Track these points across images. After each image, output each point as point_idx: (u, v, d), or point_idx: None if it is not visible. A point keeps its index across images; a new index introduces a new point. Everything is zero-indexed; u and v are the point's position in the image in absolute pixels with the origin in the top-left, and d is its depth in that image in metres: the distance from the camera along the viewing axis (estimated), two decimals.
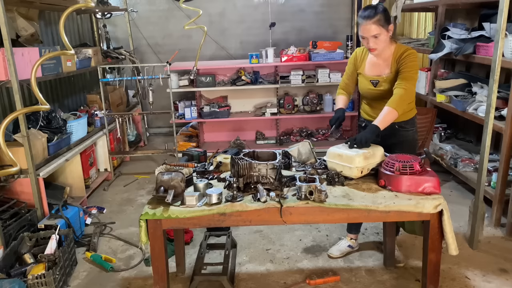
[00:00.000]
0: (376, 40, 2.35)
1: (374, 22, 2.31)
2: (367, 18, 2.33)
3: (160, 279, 2.14)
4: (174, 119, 4.73)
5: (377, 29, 2.32)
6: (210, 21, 5.92)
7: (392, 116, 2.32)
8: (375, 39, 2.34)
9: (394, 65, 2.43)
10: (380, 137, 2.41)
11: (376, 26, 2.31)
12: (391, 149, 2.44)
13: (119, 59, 5.28)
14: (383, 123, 2.30)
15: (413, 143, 2.61)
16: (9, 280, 2.34)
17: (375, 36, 2.33)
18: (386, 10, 2.34)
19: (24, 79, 3.00)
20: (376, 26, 2.31)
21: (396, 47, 2.45)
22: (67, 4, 3.95)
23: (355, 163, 2.16)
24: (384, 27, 2.32)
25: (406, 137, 2.55)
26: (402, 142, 2.53)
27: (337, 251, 2.89)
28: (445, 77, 4.25)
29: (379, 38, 2.34)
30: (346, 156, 2.19)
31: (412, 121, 2.57)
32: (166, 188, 2.06)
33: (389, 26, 2.35)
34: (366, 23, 2.33)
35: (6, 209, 2.94)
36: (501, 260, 2.79)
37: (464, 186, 3.92)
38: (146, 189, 4.25)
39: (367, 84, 2.54)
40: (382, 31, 2.32)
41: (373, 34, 2.33)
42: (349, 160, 2.18)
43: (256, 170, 2.13)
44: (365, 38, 2.37)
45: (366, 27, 2.33)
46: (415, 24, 5.95)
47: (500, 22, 2.59)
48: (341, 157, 2.22)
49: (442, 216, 1.98)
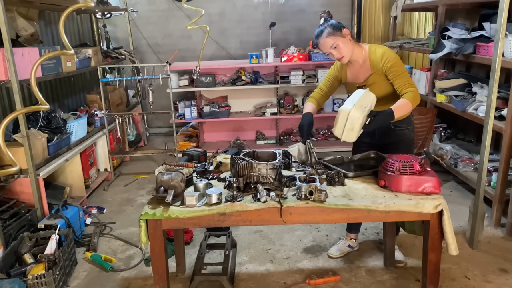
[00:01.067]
0: (338, 50, 2.42)
1: (326, 36, 2.41)
2: (318, 36, 2.45)
3: (160, 279, 2.14)
4: (174, 119, 4.73)
5: (332, 40, 2.40)
6: (210, 21, 5.91)
7: (407, 107, 2.32)
8: (336, 49, 2.42)
9: (374, 66, 2.47)
10: (376, 136, 2.46)
11: (329, 38, 2.41)
12: (387, 149, 2.46)
13: (119, 59, 5.28)
14: (398, 111, 2.29)
15: (409, 142, 2.62)
16: (9, 280, 2.33)
17: (334, 47, 2.42)
18: (333, 22, 2.44)
19: (24, 79, 3.00)
20: (329, 38, 2.41)
21: (370, 48, 2.51)
22: (67, 4, 3.95)
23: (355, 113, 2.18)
24: (337, 35, 2.40)
25: (402, 136, 2.57)
26: (399, 142, 2.55)
27: (337, 251, 2.89)
28: (445, 77, 4.25)
29: (339, 47, 2.41)
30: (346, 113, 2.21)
31: (408, 120, 2.58)
32: (166, 188, 2.06)
33: (343, 31, 2.42)
34: (320, 40, 2.44)
35: (6, 209, 2.94)
36: (501, 260, 2.79)
37: (464, 186, 3.92)
38: (146, 189, 4.25)
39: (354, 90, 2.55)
40: (337, 39, 2.40)
41: (330, 45, 2.41)
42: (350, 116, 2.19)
43: (256, 170, 2.13)
44: (329, 53, 2.45)
45: (322, 43, 2.44)
46: (415, 24, 5.95)
47: (500, 22, 2.59)
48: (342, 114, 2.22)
49: (442, 216, 1.98)
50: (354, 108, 2.17)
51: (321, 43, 2.44)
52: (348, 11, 6.06)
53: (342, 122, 2.21)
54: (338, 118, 2.23)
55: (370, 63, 2.49)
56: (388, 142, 2.53)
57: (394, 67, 2.41)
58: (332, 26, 2.42)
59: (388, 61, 2.42)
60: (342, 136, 2.23)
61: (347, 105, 2.22)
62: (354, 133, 2.20)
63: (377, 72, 2.47)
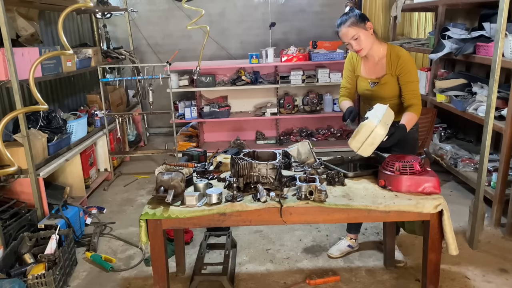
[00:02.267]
0: (358, 41, 2.40)
1: (349, 25, 2.38)
2: (341, 24, 2.41)
3: (160, 279, 2.14)
4: (174, 119, 4.73)
5: (354, 31, 2.38)
6: (210, 21, 5.91)
7: (415, 121, 2.42)
8: (356, 41, 2.40)
9: (390, 67, 2.47)
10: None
11: (352, 29, 2.38)
12: (392, 148, 2.45)
13: (119, 59, 5.28)
14: (409, 125, 2.35)
15: (413, 142, 2.63)
16: (9, 280, 2.33)
17: (355, 38, 2.39)
18: (358, 12, 2.42)
19: (24, 79, 3.00)
20: (352, 29, 2.38)
21: (389, 48, 2.49)
22: (67, 4, 3.94)
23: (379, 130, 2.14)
24: (360, 27, 2.38)
25: (407, 135, 2.55)
26: (403, 141, 2.53)
27: (337, 251, 2.89)
28: (445, 77, 4.25)
29: (360, 39, 2.39)
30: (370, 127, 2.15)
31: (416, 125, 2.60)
32: (166, 188, 2.06)
33: (367, 24, 2.40)
34: (341, 29, 2.41)
35: (6, 209, 2.94)
36: (501, 260, 2.79)
37: (464, 186, 3.92)
38: (146, 189, 4.25)
39: (365, 85, 2.58)
40: (359, 31, 2.38)
41: (352, 36, 2.39)
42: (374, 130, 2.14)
43: (256, 170, 2.13)
44: (348, 43, 2.43)
45: (343, 32, 2.41)
46: (415, 24, 5.95)
47: (500, 22, 2.59)
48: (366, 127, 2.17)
49: (442, 216, 1.98)
50: (380, 125, 2.12)
51: (343, 32, 2.40)
52: None
53: (363, 137, 2.15)
54: (360, 131, 2.17)
55: (386, 63, 2.48)
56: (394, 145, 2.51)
57: (409, 73, 2.43)
58: (357, 17, 2.39)
59: (404, 65, 2.43)
60: (359, 150, 2.18)
61: (372, 120, 2.16)
62: (371, 148, 2.17)
63: (390, 74, 2.47)
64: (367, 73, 2.57)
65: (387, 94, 2.49)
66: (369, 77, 2.55)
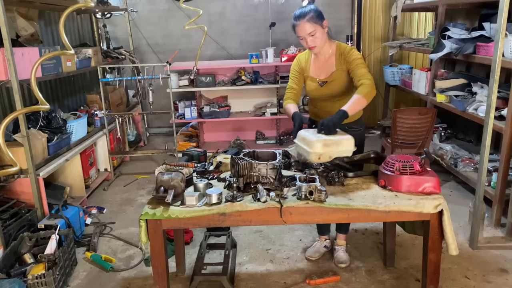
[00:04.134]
0: (314, 38, 2.39)
1: (308, 20, 2.36)
2: (299, 18, 2.38)
3: (160, 279, 2.14)
4: (174, 119, 4.73)
5: (312, 27, 2.37)
6: (210, 21, 5.92)
7: (361, 103, 2.29)
8: (313, 37, 2.39)
9: (339, 63, 2.49)
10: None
11: (310, 24, 2.36)
12: None
13: (119, 59, 5.28)
14: (351, 109, 2.26)
15: (361, 142, 2.60)
16: (9, 280, 2.33)
17: (312, 34, 2.38)
18: (317, 8, 2.41)
19: (24, 79, 3.00)
20: (310, 24, 2.36)
21: (337, 46, 2.52)
22: (67, 4, 3.94)
23: (314, 148, 2.10)
24: (317, 24, 2.37)
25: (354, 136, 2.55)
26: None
27: (315, 252, 2.89)
28: (445, 77, 4.25)
29: (315, 35, 2.39)
30: (308, 140, 2.15)
31: (360, 121, 2.63)
32: (166, 188, 2.06)
33: (324, 22, 2.41)
34: (299, 22, 2.38)
35: (6, 209, 2.94)
36: (501, 260, 2.79)
37: (464, 186, 3.92)
38: (146, 189, 4.25)
39: (315, 85, 2.57)
40: (316, 27, 2.37)
41: (309, 32, 2.37)
42: (310, 144, 2.13)
43: (256, 170, 2.13)
44: (303, 38, 2.41)
45: (301, 26, 2.37)
46: (415, 24, 5.95)
47: (500, 22, 2.59)
48: (305, 140, 2.20)
49: (442, 216, 1.98)
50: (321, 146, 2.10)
51: (301, 26, 2.37)
52: (348, 11, 6.06)
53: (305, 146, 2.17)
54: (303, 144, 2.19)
55: (335, 59, 2.50)
56: None
57: (358, 60, 2.42)
58: (317, 13, 2.39)
59: (350, 55, 2.44)
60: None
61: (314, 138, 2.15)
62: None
63: (340, 69, 2.49)
64: (316, 73, 2.56)
65: (336, 92, 2.51)
66: (318, 77, 2.55)
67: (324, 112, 2.56)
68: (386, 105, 5.59)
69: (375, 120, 6.23)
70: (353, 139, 2.18)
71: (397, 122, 3.77)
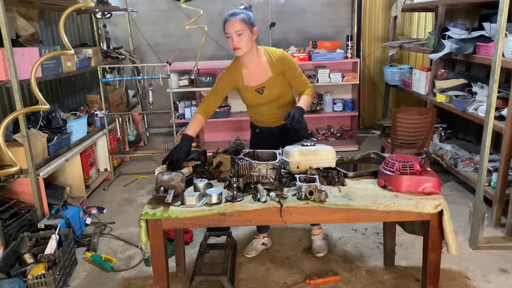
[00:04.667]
0: (240, 38, 2.42)
1: (239, 19, 2.41)
2: (232, 15, 2.43)
3: (160, 279, 2.14)
4: (174, 119, 4.73)
5: (241, 26, 2.40)
6: (210, 21, 5.90)
7: (309, 102, 2.56)
8: (239, 37, 2.42)
9: (274, 68, 2.53)
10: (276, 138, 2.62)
11: (240, 23, 2.40)
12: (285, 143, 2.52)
13: (119, 59, 5.28)
14: (305, 105, 2.51)
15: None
16: (9, 280, 2.33)
17: (239, 34, 2.41)
18: (251, 15, 2.47)
19: (24, 79, 3.00)
20: (240, 23, 2.40)
21: (266, 50, 2.57)
22: (67, 4, 3.94)
23: (291, 157, 2.19)
24: (248, 26, 2.42)
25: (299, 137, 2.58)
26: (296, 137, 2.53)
27: (252, 250, 2.93)
28: (445, 77, 4.25)
29: (242, 36, 2.42)
30: (287, 151, 2.25)
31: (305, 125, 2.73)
32: (166, 188, 2.06)
33: (253, 29, 2.46)
34: (231, 19, 2.42)
35: (6, 209, 2.94)
36: (501, 260, 2.79)
37: (464, 186, 3.92)
38: (146, 189, 4.25)
39: (253, 94, 2.59)
40: (245, 29, 2.41)
41: (237, 30, 2.40)
42: (288, 154, 2.22)
43: (256, 170, 2.13)
44: (230, 36, 2.43)
45: (231, 23, 2.41)
46: (415, 24, 5.95)
47: (500, 22, 2.59)
48: (285, 152, 2.27)
49: (442, 216, 1.98)
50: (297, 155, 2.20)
51: (231, 22, 2.41)
52: (348, 11, 6.06)
53: None
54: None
55: (269, 64, 2.54)
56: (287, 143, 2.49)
57: (293, 68, 2.56)
58: (248, 17, 2.44)
59: (289, 62, 2.55)
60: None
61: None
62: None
63: (278, 74, 2.53)
64: (251, 82, 2.58)
65: (277, 96, 2.57)
66: (253, 85, 2.57)
67: (268, 116, 2.65)
68: (386, 105, 5.59)
69: (375, 120, 6.23)
70: (333, 150, 2.26)
71: (397, 122, 3.77)
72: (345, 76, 5.16)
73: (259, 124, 2.76)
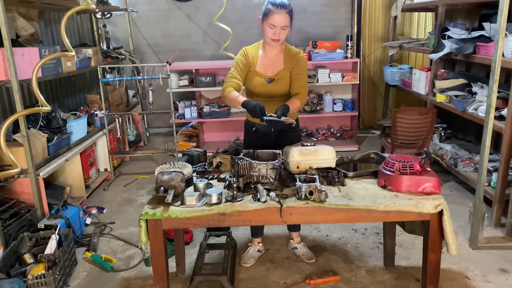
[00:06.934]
0: (284, 32, 2.39)
1: (288, 12, 2.35)
2: (283, 6, 2.33)
3: (160, 279, 2.14)
4: (174, 119, 4.73)
5: (288, 21, 2.37)
6: (210, 21, 5.91)
7: (298, 106, 2.43)
8: (283, 31, 2.39)
9: (287, 62, 2.52)
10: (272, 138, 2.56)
11: (288, 17, 2.36)
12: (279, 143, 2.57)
13: (119, 59, 5.28)
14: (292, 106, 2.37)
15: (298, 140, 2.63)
16: (9, 280, 2.33)
17: (285, 28, 2.37)
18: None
19: (24, 79, 2.99)
20: (288, 17, 2.36)
21: (286, 45, 2.55)
22: (67, 4, 3.95)
23: (291, 157, 2.20)
24: (291, 22, 2.39)
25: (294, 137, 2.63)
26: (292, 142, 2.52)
27: (250, 258, 2.85)
28: (445, 77, 4.26)
29: (286, 31, 2.39)
30: (287, 152, 2.25)
31: (297, 123, 2.69)
32: (166, 188, 2.06)
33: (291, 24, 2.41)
34: (281, 11, 2.32)
35: (6, 209, 2.94)
36: (501, 260, 2.79)
37: (464, 186, 3.92)
38: (146, 189, 4.25)
39: (261, 81, 2.54)
40: (290, 24, 2.39)
41: (284, 24, 2.36)
42: (288, 155, 2.23)
43: (256, 170, 2.13)
44: (275, 27, 2.36)
45: (280, 15, 2.32)
46: (415, 24, 5.95)
47: (500, 22, 2.59)
48: (286, 153, 2.27)
49: (442, 216, 1.98)
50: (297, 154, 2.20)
51: (281, 15, 2.32)
52: (348, 11, 6.06)
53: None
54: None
55: (284, 58, 2.52)
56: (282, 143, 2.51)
57: (302, 69, 2.51)
58: (293, 12, 2.39)
59: (301, 61, 2.51)
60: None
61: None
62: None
63: (287, 68, 2.51)
64: (264, 69, 2.55)
65: (281, 91, 2.53)
66: (265, 73, 2.54)
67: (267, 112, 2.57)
68: (386, 105, 5.59)
69: (375, 120, 6.23)
70: (333, 150, 2.25)
71: (397, 122, 3.77)
72: (345, 76, 5.16)
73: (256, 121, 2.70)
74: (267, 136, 2.59)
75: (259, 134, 2.51)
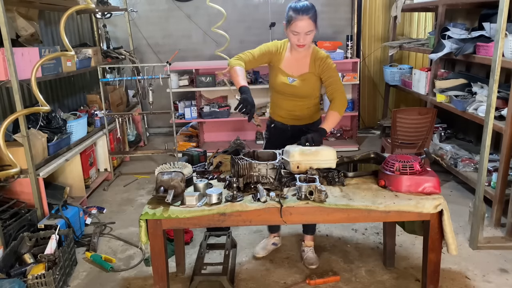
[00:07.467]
0: (308, 37, 2.36)
1: (310, 17, 2.30)
2: (304, 12, 2.28)
3: (160, 279, 2.14)
4: (174, 119, 4.73)
5: (312, 26, 2.32)
6: (210, 21, 5.91)
7: (337, 118, 2.42)
8: (308, 36, 2.35)
9: (313, 66, 2.48)
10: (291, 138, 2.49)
11: (311, 22, 2.31)
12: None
13: (119, 59, 5.28)
14: (329, 126, 2.39)
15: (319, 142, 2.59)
16: (9, 280, 2.33)
17: (308, 33, 2.34)
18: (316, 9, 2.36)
19: (24, 79, 2.99)
20: (311, 22, 2.31)
21: (314, 49, 2.51)
22: (67, 4, 3.94)
23: (291, 157, 2.19)
24: (315, 24, 2.34)
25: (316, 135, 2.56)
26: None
27: (262, 249, 2.91)
28: (445, 77, 4.25)
29: (310, 36, 2.35)
30: (288, 151, 2.24)
31: (318, 123, 2.63)
32: (166, 188, 2.06)
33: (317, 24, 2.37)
34: (303, 17, 2.28)
35: (6, 209, 2.94)
36: (501, 260, 2.79)
37: (464, 186, 3.92)
38: (146, 189, 4.25)
39: (284, 80, 2.53)
40: (314, 28, 2.34)
41: (308, 29, 2.32)
42: (288, 154, 2.23)
43: (256, 170, 2.13)
44: (298, 33, 2.33)
45: (303, 21, 2.29)
46: (415, 24, 5.95)
47: (500, 22, 2.59)
48: (286, 152, 2.27)
49: (442, 216, 1.98)
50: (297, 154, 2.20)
51: (304, 21, 2.28)
52: (348, 11, 6.06)
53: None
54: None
55: (310, 61, 2.49)
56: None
57: (332, 72, 2.46)
58: (316, 13, 2.33)
59: (329, 65, 2.46)
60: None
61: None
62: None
63: (313, 72, 2.49)
64: (288, 68, 2.52)
65: (302, 92, 2.51)
66: (288, 72, 2.52)
67: (286, 111, 2.59)
68: (386, 105, 5.59)
69: (375, 120, 6.23)
70: (334, 150, 2.23)
71: (397, 122, 3.77)
72: (345, 76, 5.16)
73: (276, 117, 2.69)
74: (285, 134, 2.60)
75: (277, 131, 2.51)
